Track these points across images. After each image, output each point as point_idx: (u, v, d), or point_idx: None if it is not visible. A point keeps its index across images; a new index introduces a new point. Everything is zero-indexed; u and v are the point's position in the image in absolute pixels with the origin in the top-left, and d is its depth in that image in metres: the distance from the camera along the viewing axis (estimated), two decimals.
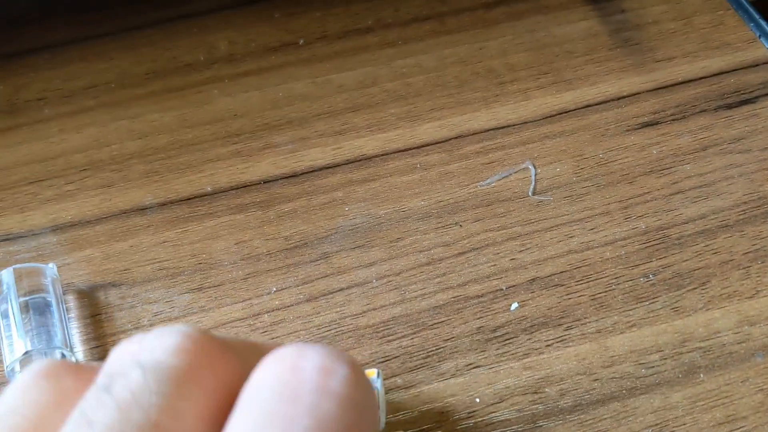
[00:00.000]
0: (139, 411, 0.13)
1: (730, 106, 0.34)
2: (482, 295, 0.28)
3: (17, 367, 0.27)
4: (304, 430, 0.13)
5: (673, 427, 0.25)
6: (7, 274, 0.29)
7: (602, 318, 0.28)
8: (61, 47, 0.39)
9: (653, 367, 0.26)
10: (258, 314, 0.29)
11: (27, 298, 0.28)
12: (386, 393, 0.26)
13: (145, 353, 0.14)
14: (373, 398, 0.15)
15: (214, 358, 0.15)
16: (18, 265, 0.29)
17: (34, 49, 0.39)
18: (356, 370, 0.14)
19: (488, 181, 0.32)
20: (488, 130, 0.34)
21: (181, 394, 0.14)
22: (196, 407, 0.14)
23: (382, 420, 0.22)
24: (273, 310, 0.29)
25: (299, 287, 0.29)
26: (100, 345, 0.29)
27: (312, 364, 0.14)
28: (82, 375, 0.15)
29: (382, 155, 0.33)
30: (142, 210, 0.32)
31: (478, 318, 0.28)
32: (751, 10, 0.37)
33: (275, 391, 0.13)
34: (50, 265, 0.30)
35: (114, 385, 0.14)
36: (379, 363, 0.27)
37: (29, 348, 0.27)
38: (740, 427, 0.25)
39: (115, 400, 0.14)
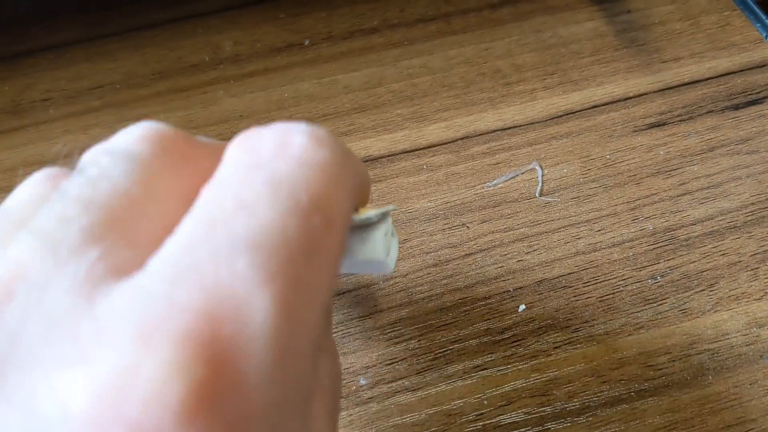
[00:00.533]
0: (107, 182, 0.14)
1: (737, 107, 0.34)
2: (489, 297, 0.28)
3: None
4: (259, 186, 0.14)
5: (682, 429, 0.25)
6: None
7: (610, 320, 0.28)
8: (66, 47, 0.39)
9: (661, 369, 0.26)
10: None
11: None
12: (394, 395, 0.26)
13: (112, 144, 0.16)
14: (342, 157, 0.15)
15: (181, 147, 0.16)
16: None
17: (39, 49, 0.39)
18: (316, 133, 0.15)
19: (495, 182, 0.32)
20: (495, 131, 0.34)
21: (150, 173, 0.15)
22: (168, 185, 0.15)
23: (390, 264, 0.20)
24: None
25: None
26: None
27: (268, 136, 0.15)
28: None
29: (389, 156, 0.33)
30: None
31: (486, 320, 0.28)
32: (757, 10, 0.37)
33: (236, 165, 0.15)
34: None
35: (86, 170, 0.15)
36: (386, 365, 0.27)
37: None
38: (749, 430, 0.25)
39: (87, 177, 0.14)
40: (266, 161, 0.14)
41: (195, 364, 0.11)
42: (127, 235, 0.14)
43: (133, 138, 0.16)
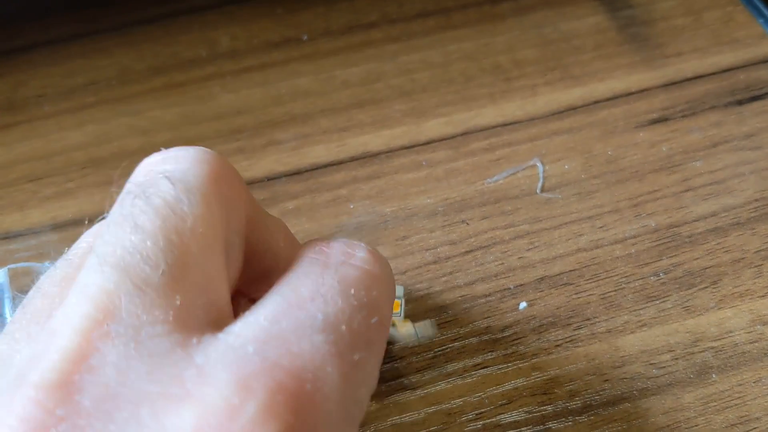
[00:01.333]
0: (175, 216, 0.15)
1: (740, 102, 0.33)
2: (490, 294, 0.28)
3: None
4: (331, 281, 0.16)
5: (685, 428, 0.25)
6: (2, 274, 0.28)
7: (612, 317, 0.27)
8: (60, 43, 0.38)
9: (664, 367, 0.26)
10: None
11: (24, 295, 0.28)
12: (393, 394, 0.26)
13: (169, 167, 0.16)
14: (389, 273, 0.18)
15: (234, 181, 0.17)
16: (13, 265, 0.28)
17: (34, 45, 0.39)
18: (373, 252, 0.18)
19: (495, 178, 0.31)
20: (495, 127, 0.33)
21: (212, 211, 0.16)
22: (225, 219, 0.16)
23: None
24: None
25: None
26: None
27: (337, 247, 0.18)
28: None
29: (387, 152, 0.33)
30: None
31: (486, 317, 0.27)
32: (760, 5, 0.36)
33: (310, 263, 0.17)
34: (47, 264, 0.29)
35: (148, 195, 0.15)
36: (385, 363, 0.27)
37: None
38: (753, 428, 0.25)
39: (152, 206, 0.15)
40: (335, 264, 0.17)
41: (286, 411, 0.14)
42: (198, 278, 0.15)
43: (192, 166, 0.16)
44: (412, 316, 0.27)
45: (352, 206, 0.31)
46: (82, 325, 0.14)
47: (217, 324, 0.15)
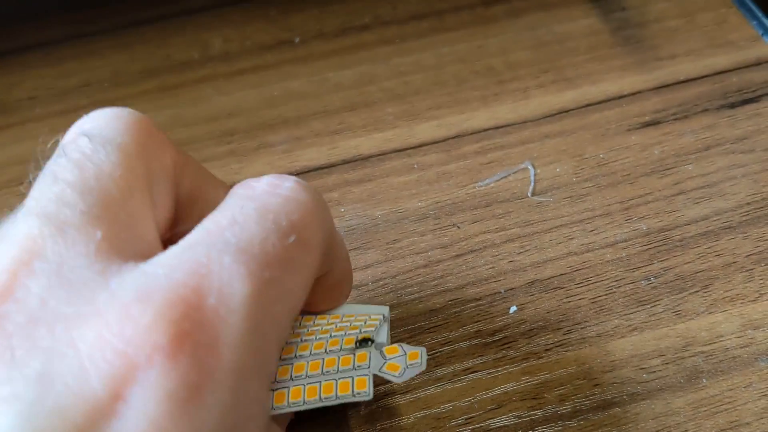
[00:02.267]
0: (93, 165, 0.17)
1: (733, 105, 0.33)
2: (480, 299, 0.28)
3: None
4: (250, 209, 0.17)
5: None
6: None
7: (603, 321, 0.27)
8: (53, 45, 0.38)
9: (655, 372, 0.26)
10: None
11: None
12: (382, 398, 0.26)
13: (88, 127, 0.18)
14: (319, 201, 0.19)
15: (151, 131, 0.19)
16: None
17: (26, 46, 0.39)
18: (300, 182, 0.19)
19: (487, 181, 0.31)
20: (487, 130, 0.33)
21: (129, 157, 0.18)
22: (146, 164, 0.18)
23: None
24: None
25: None
26: None
27: (264, 180, 0.18)
28: None
29: (379, 155, 0.33)
30: None
31: (476, 321, 0.27)
32: (754, 8, 0.36)
33: (234, 196, 0.18)
34: None
35: (68, 152, 0.17)
36: None
37: None
38: None
39: (71, 160, 0.17)
40: (259, 195, 0.18)
41: (183, 319, 0.15)
42: (120, 215, 0.17)
43: (109, 122, 0.18)
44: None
45: (342, 210, 0.31)
46: (9, 266, 0.16)
47: (144, 256, 0.17)
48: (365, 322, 0.23)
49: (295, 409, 0.21)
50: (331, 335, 0.22)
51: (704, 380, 0.26)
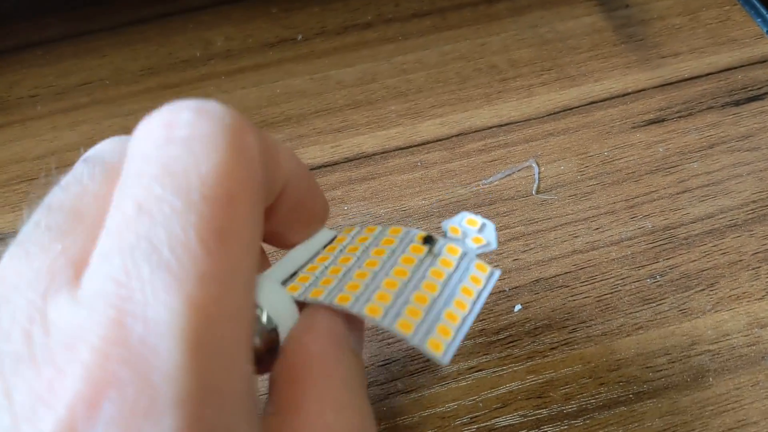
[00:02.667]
0: (76, 185, 0.16)
1: (737, 103, 0.33)
2: None
3: None
4: (153, 180, 0.14)
5: None
6: None
7: (608, 320, 0.27)
8: (54, 43, 0.38)
9: (661, 370, 0.26)
10: None
11: None
12: (387, 397, 0.26)
13: (92, 151, 0.17)
14: (236, 124, 0.15)
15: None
16: None
17: (27, 45, 0.38)
18: (201, 111, 0.15)
19: (491, 179, 0.31)
20: (490, 128, 0.33)
21: (114, 174, 0.16)
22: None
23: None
24: None
25: None
26: None
27: (156, 123, 0.15)
28: None
29: (382, 153, 0.32)
30: None
31: (481, 320, 0.27)
32: (758, 5, 0.36)
33: (132, 159, 0.15)
34: None
35: (62, 179, 0.17)
36: (380, 366, 0.27)
37: None
38: None
39: (60, 185, 0.16)
40: (155, 149, 0.15)
41: (106, 363, 0.13)
42: (93, 229, 0.15)
43: (103, 145, 0.17)
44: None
45: (346, 208, 0.31)
46: None
47: None
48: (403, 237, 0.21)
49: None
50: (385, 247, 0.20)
51: (711, 379, 0.25)
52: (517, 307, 0.27)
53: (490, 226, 0.20)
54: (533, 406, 0.25)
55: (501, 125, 0.33)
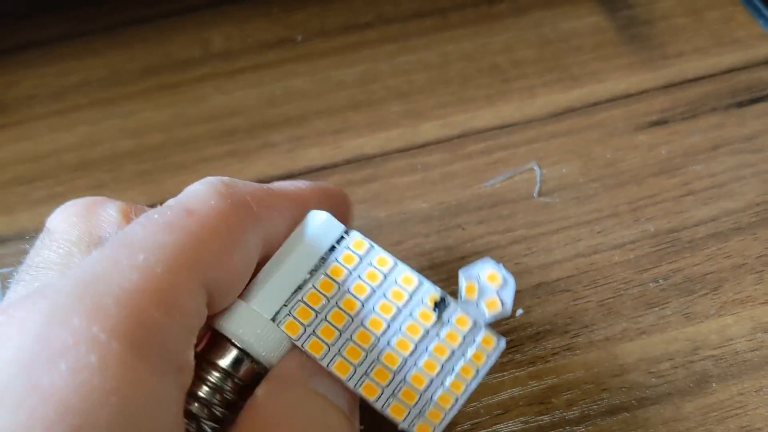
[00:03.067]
0: (36, 256, 0.19)
1: (741, 104, 0.33)
2: None
3: None
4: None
5: None
6: None
7: (610, 325, 0.27)
8: (52, 44, 0.38)
9: (664, 376, 0.25)
10: None
11: None
12: None
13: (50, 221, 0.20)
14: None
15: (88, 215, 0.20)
16: (2, 270, 0.28)
17: (25, 45, 0.38)
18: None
19: (492, 181, 0.31)
20: (492, 129, 0.33)
21: (62, 241, 0.19)
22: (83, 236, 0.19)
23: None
24: None
25: None
26: None
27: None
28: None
29: (383, 155, 0.32)
30: None
31: None
32: (761, 5, 0.36)
33: None
34: None
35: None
36: None
37: None
38: None
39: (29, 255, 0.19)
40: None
41: None
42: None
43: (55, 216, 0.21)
44: None
45: None
46: None
47: None
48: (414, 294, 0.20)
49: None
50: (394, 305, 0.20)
51: (714, 384, 0.25)
52: (519, 312, 0.27)
53: (511, 284, 0.20)
54: (535, 412, 0.25)
55: (503, 127, 0.33)
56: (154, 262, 0.16)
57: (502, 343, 0.20)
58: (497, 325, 0.27)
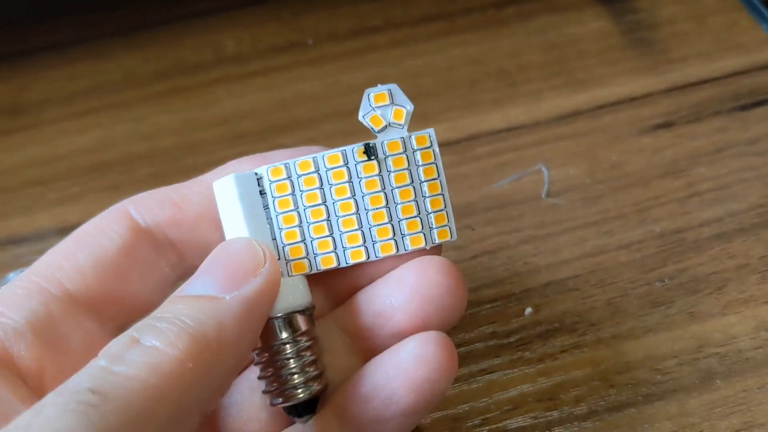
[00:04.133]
0: None
1: (744, 108, 0.33)
2: (496, 300, 0.28)
3: None
4: None
5: None
6: (13, 278, 0.28)
7: (617, 323, 0.27)
8: (65, 47, 0.39)
9: (669, 373, 0.26)
10: None
11: None
12: None
13: None
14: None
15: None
16: (20, 269, 0.29)
17: (39, 49, 0.39)
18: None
19: (500, 183, 0.31)
20: (500, 132, 0.33)
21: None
22: None
23: None
24: None
25: None
26: None
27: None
28: None
29: None
30: None
31: (492, 323, 0.27)
32: (764, 10, 0.36)
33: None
34: None
35: None
36: None
37: None
38: None
39: None
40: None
41: None
42: None
43: None
44: None
45: None
46: None
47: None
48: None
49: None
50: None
51: (718, 381, 0.26)
52: (528, 311, 0.28)
53: (395, 88, 0.22)
54: (544, 408, 0.25)
55: (510, 129, 0.33)
56: None
57: (431, 132, 0.22)
58: (508, 325, 0.27)
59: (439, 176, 0.22)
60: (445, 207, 0.22)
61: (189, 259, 0.21)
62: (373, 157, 0.21)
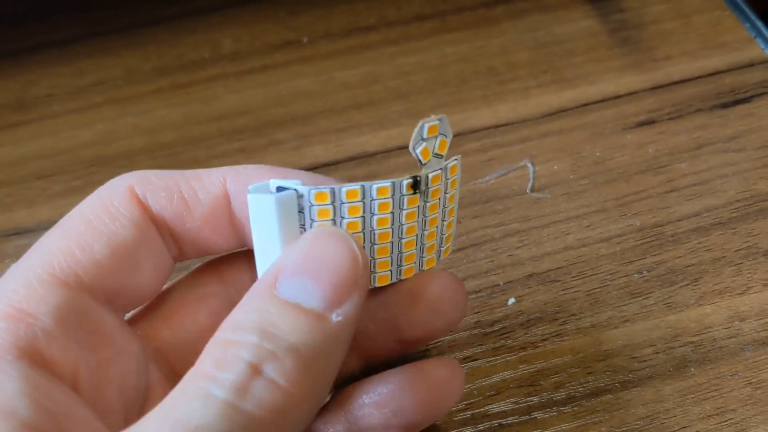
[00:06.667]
0: None
1: (725, 106, 0.34)
2: (480, 291, 0.29)
3: None
4: None
5: (664, 419, 0.26)
6: None
7: (597, 313, 0.28)
8: (68, 44, 0.40)
9: (646, 361, 0.27)
10: None
11: None
12: None
13: None
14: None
15: None
16: None
17: (42, 45, 0.40)
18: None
19: (487, 178, 0.33)
20: (488, 128, 0.34)
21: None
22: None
23: None
24: None
25: None
26: None
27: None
28: None
29: (384, 152, 0.34)
30: None
31: (476, 312, 0.29)
32: (747, 10, 0.37)
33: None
34: None
35: None
36: None
37: None
38: (728, 420, 0.26)
39: None
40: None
41: None
42: None
43: None
44: None
45: None
46: None
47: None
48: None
49: None
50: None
51: (692, 369, 0.27)
52: (511, 301, 0.29)
53: (444, 119, 0.22)
54: (525, 394, 0.27)
55: (498, 126, 0.34)
56: None
57: (459, 159, 0.22)
58: (491, 315, 0.28)
59: (455, 201, 0.22)
60: (453, 227, 0.22)
61: (188, 255, 0.22)
62: (417, 191, 0.21)
